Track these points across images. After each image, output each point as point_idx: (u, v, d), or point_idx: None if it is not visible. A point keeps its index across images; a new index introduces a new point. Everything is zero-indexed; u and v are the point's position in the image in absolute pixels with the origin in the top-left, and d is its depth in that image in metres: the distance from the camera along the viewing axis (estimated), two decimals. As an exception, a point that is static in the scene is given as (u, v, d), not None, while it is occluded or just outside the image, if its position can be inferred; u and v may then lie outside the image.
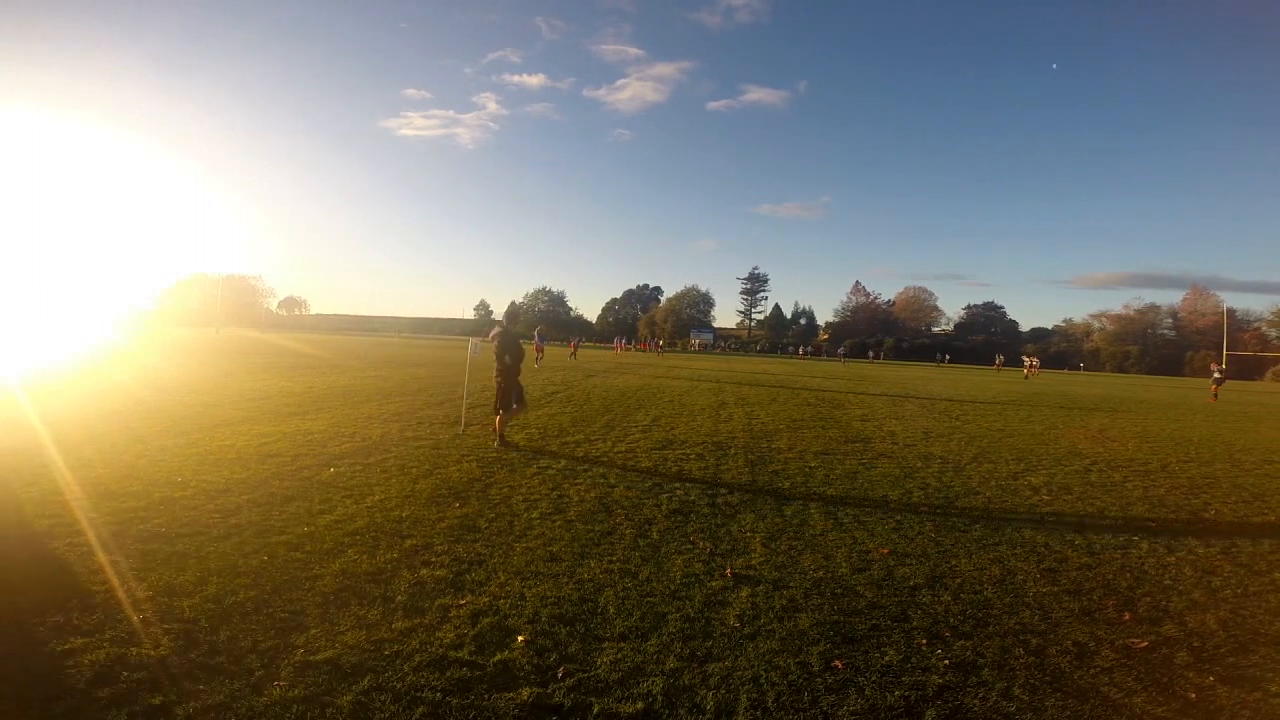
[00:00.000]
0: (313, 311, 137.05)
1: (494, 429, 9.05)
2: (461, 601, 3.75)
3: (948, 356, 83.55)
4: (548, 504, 5.93)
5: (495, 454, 8.16)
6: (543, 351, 28.69)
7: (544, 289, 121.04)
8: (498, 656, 3.15)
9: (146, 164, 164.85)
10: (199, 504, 5.42)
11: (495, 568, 4.31)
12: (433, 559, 4.40)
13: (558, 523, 5.39)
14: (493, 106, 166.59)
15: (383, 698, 2.76)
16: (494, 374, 9.10)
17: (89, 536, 4.51)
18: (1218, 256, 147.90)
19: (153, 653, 3.06)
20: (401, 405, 12.42)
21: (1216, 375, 26.46)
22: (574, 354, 42.16)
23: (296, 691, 2.78)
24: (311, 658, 3.05)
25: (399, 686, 2.85)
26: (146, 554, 4.26)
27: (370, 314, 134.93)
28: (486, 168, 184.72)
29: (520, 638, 3.35)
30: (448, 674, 2.97)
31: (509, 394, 8.79)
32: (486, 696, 2.81)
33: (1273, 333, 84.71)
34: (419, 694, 2.80)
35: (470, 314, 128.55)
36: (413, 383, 17.39)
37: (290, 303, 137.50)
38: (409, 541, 4.72)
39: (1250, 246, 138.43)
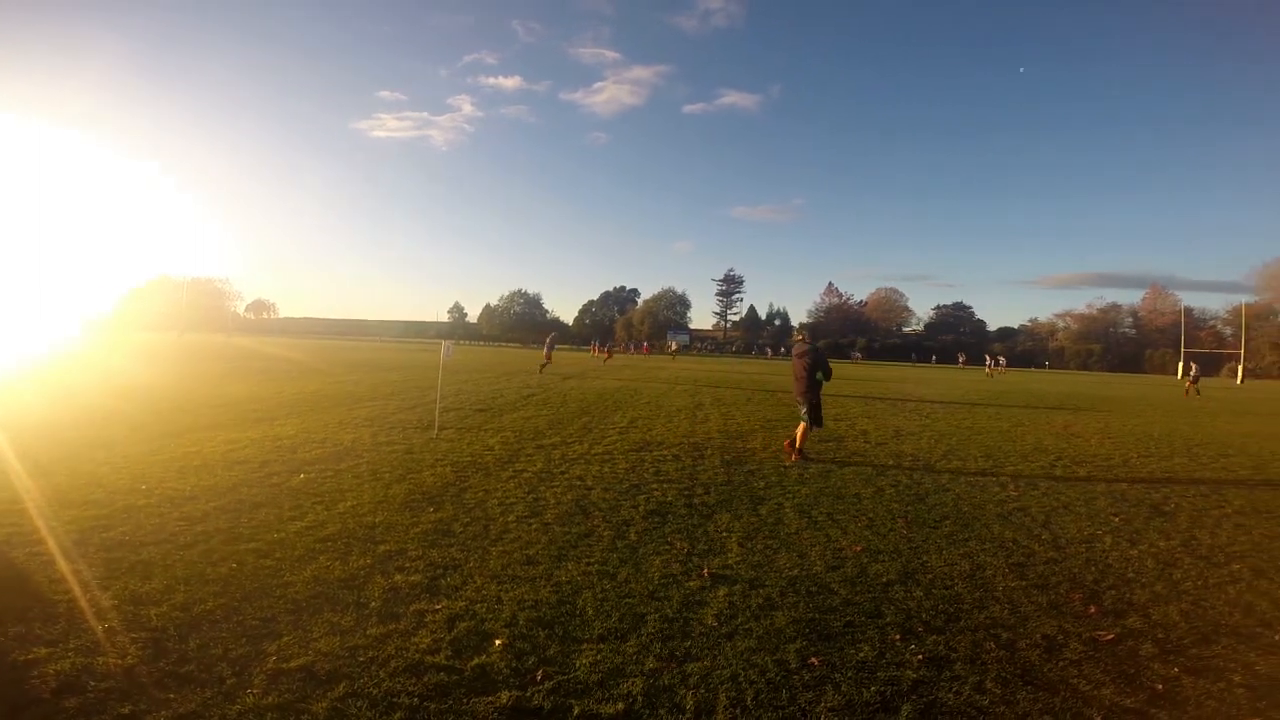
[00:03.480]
0: (281, 315, 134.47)
1: (792, 443, 8.94)
2: (437, 606, 3.72)
3: (963, 358, 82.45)
4: (524, 507, 5.90)
5: (796, 467, 8.33)
6: (550, 359, 28.56)
7: (520, 291, 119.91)
8: (475, 661, 3.12)
9: (108, 166, 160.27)
10: (164, 511, 5.29)
11: (471, 572, 4.27)
12: (407, 564, 4.35)
13: (534, 526, 5.36)
14: (468, 108, 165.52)
15: (359, 704, 2.72)
16: (798, 392, 8.98)
17: (49, 545, 4.37)
18: (1173, 257, 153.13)
19: (120, 662, 2.99)
20: (373, 410, 12.25)
21: (1193, 373, 28.79)
22: (599, 356, 42.11)
23: (270, 699, 2.73)
24: (284, 665, 3.00)
25: (375, 693, 2.81)
26: (110, 562, 4.15)
27: (341, 317, 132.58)
28: (461, 170, 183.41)
29: (498, 641, 3.32)
30: (424, 679, 2.94)
31: (819, 409, 8.81)
32: (465, 701, 2.79)
33: (1228, 330, 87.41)
34: (395, 699, 2.77)
35: (444, 317, 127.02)
36: (384, 387, 17.17)
37: (258, 306, 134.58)
38: (382, 547, 4.66)
39: (1203, 247, 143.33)
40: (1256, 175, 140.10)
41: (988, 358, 52.32)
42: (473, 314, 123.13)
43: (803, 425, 8.79)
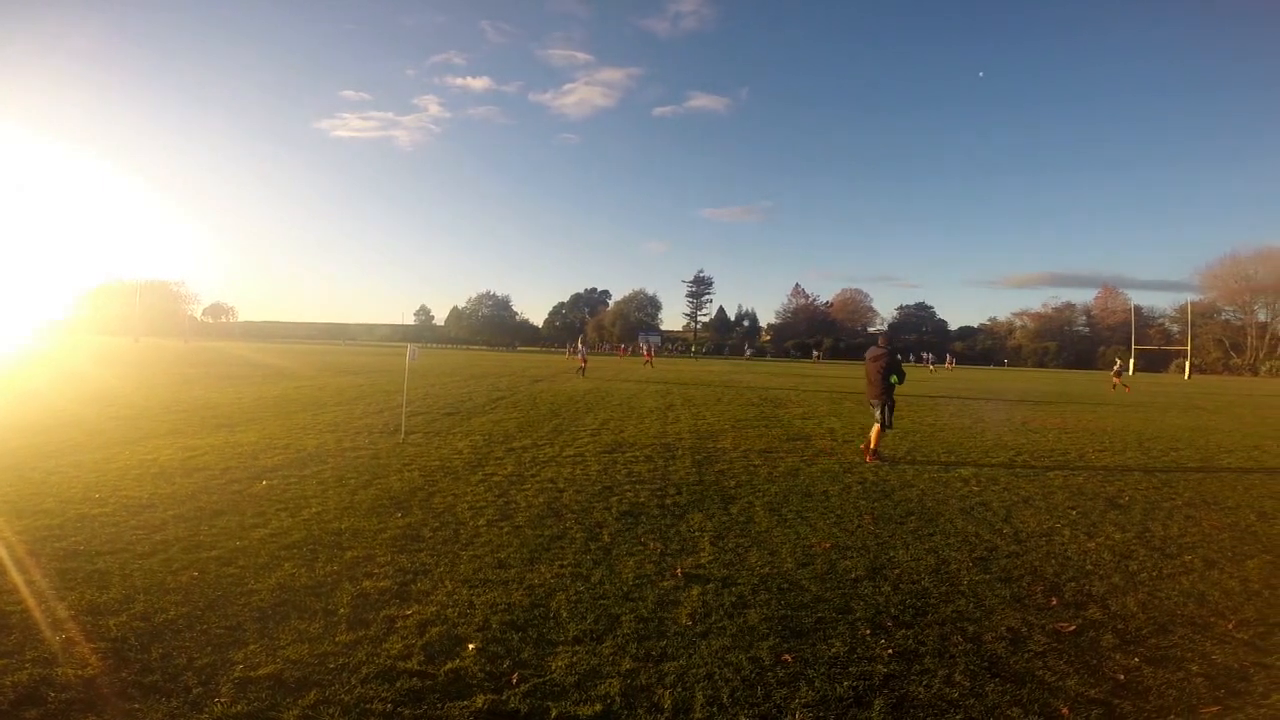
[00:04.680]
0: (241, 319, 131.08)
1: (868, 445, 9.12)
2: (407, 612, 3.66)
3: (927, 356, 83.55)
4: (494, 511, 5.84)
5: (872, 468, 8.50)
6: (586, 362, 28.53)
7: (488, 293, 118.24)
8: (449, 665, 3.09)
9: (58, 164, 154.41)
10: (120, 520, 5.12)
11: (441, 577, 4.22)
12: (375, 570, 4.28)
13: (505, 529, 5.31)
14: (434, 109, 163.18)
15: (330, 711, 2.67)
16: (872, 395, 9.12)
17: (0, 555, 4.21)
18: (1124, 257, 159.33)
19: (80, 673, 2.90)
20: (337, 415, 12.03)
21: (1117, 367, 32.19)
22: (649, 363, 41.96)
23: (239, 708, 2.67)
24: (252, 673, 2.93)
25: (347, 699, 2.76)
26: (65, 572, 4.01)
27: (303, 321, 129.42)
28: (427, 171, 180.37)
29: (471, 645, 3.29)
30: (397, 685, 2.89)
31: (891, 411, 9.01)
32: (439, 706, 2.75)
33: (1175, 328, 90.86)
34: (368, 706, 2.72)
35: (410, 319, 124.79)
36: (349, 391, 16.88)
37: (216, 309, 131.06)
38: (349, 553, 4.58)
39: (1150, 248, 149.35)
40: (1201, 179, 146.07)
41: (929, 355, 55.55)
42: (440, 316, 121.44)
43: (876, 427, 9.05)
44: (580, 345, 29.59)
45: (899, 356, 9.32)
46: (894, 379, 8.94)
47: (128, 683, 2.84)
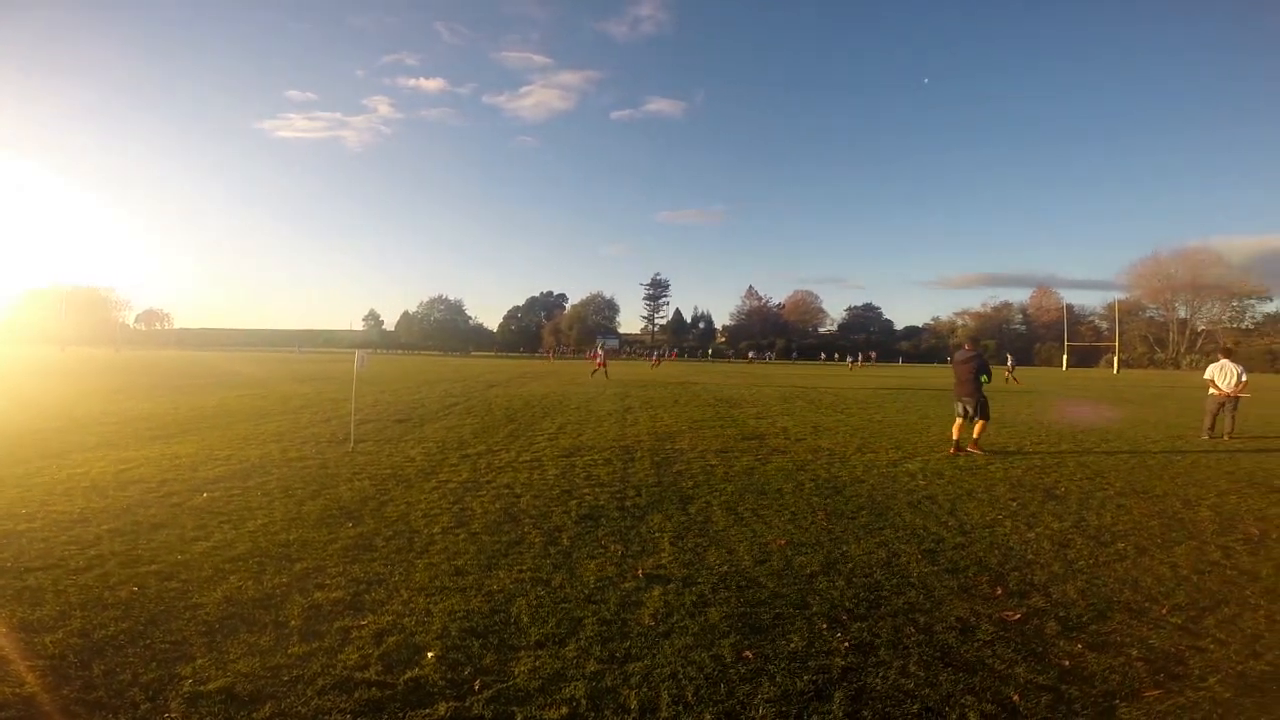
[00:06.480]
0: (177, 325, 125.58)
1: (973, 440, 9.98)
2: (362, 622, 3.58)
3: (872, 354, 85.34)
4: (449, 518, 5.75)
5: (982, 459, 9.36)
6: (605, 364, 28.18)
7: (440, 297, 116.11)
8: (408, 674, 3.03)
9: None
10: (50, 536, 4.87)
11: (396, 586, 4.13)
12: (327, 581, 4.16)
13: (461, 536, 5.23)
14: (385, 110, 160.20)
15: (286, 725, 2.60)
16: (963, 393, 9.95)
17: (-84, 577, 3.95)
18: (1054, 257, 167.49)
19: (18, 691, 2.77)
20: (282, 424, 11.64)
21: (1010, 363, 36.31)
22: (656, 364, 42.03)
23: (190, 722, 2.57)
24: (202, 688, 2.83)
25: (303, 711, 2.68)
26: (-8, 592, 3.80)
27: (243, 327, 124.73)
28: (377, 173, 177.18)
29: (430, 654, 3.23)
30: (355, 695, 2.83)
31: (987, 404, 9.92)
32: (400, 715, 2.70)
33: (1104, 325, 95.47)
34: (326, 717, 2.65)
35: (359, 325, 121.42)
36: (294, 399, 16.35)
37: (151, 316, 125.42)
38: (299, 565, 4.44)
39: (1078, 248, 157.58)
40: (1127, 182, 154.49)
41: (850, 354, 59.90)
42: (390, 321, 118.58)
43: (959, 422, 9.98)
44: (600, 349, 29.70)
45: (986, 359, 10.28)
46: (984, 378, 9.81)
47: (70, 700, 2.72)
